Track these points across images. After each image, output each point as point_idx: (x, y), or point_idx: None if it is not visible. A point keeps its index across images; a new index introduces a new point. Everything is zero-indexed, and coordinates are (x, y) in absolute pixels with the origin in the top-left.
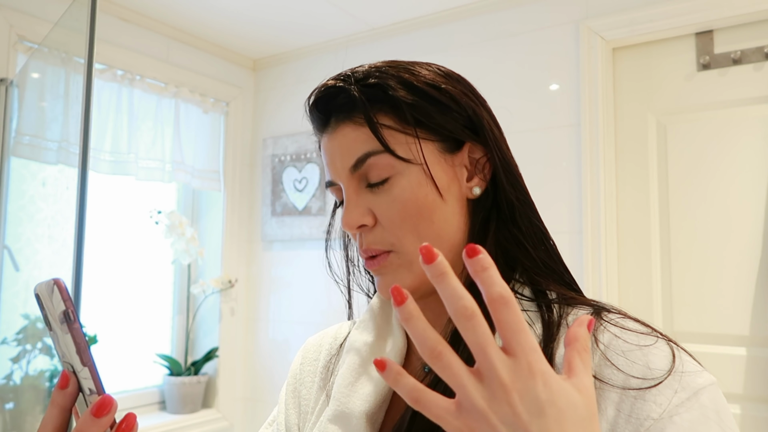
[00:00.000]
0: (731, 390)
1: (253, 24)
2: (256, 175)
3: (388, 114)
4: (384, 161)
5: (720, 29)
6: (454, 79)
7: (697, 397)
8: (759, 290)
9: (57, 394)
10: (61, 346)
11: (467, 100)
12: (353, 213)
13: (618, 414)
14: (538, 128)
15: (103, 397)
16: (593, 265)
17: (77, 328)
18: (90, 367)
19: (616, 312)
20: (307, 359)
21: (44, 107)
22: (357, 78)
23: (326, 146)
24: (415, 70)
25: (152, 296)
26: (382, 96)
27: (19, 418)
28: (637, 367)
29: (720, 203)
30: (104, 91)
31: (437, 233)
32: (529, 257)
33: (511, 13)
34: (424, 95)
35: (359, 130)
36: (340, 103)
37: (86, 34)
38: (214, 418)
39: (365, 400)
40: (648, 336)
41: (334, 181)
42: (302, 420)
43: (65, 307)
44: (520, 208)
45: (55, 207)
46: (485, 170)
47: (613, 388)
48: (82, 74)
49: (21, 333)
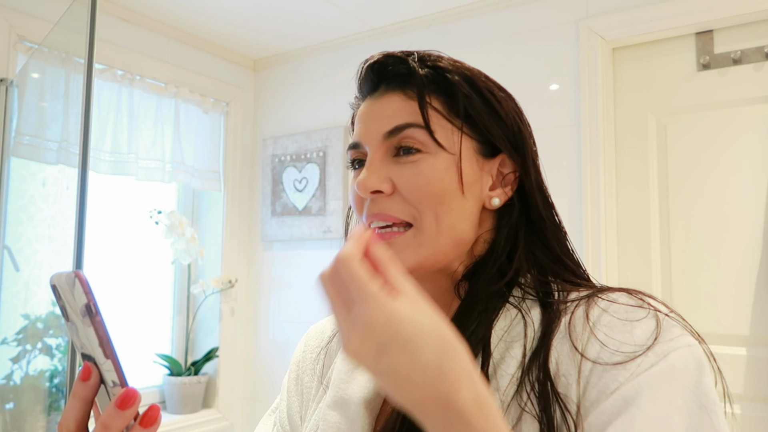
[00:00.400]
0: (731, 390)
1: (253, 24)
2: (256, 175)
3: (441, 99)
4: (420, 137)
5: (720, 29)
6: (507, 94)
7: (667, 358)
8: (759, 290)
9: (79, 386)
10: (81, 338)
11: (516, 117)
12: (372, 176)
13: (587, 384)
14: (538, 128)
15: (127, 389)
16: (593, 265)
17: (99, 320)
18: (113, 359)
19: (617, 289)
20: (309, 346)
21: (44, 107)
22: (421, 56)
23: (366, 109)
24: (471, 67)
25: (152, 296)
26: (441, 80)
27: (19, 418)
28: (613, 342)
29: (720, 203)
30: (104, 91)
31: (453, 223)
32: (558, 263)
33: (511, 13)
34: (480, 95)
35: (407, 102)
36: (398, 73)
37: (86, 34)
38: (214, 418)
39: (363, 387)
40: (638, 310)
41: (362, 143)
42: (304, 407)
43: (87, 300)
44: (551, 227)
45: (55, 207)
46: (511, 185)
47: (588, 361)
48: (82, 74)
49: (21, 333)
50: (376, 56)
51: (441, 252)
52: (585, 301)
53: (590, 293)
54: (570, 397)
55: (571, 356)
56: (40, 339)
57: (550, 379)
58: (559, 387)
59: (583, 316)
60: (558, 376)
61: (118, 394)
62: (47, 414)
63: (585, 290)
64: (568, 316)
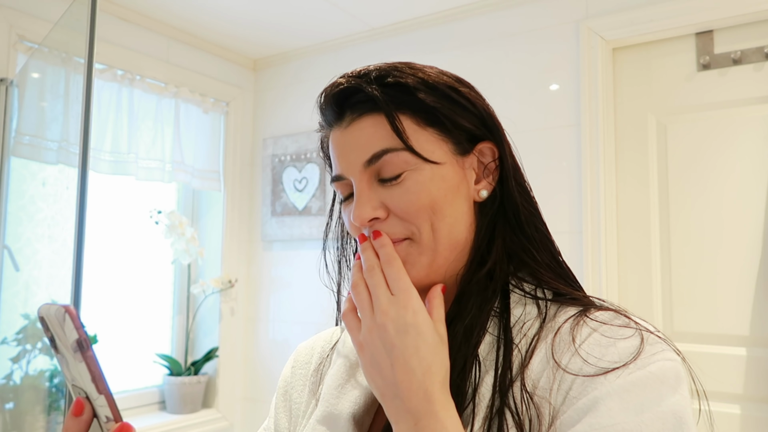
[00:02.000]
0: (731, 390)
1: (253, 24)
2: (256, 175)
3: (406, 113)
4: (400, 158)
5: (720, 29)
6: (465, 83)
7: (646, 368)
8: (759, 290)
9: (71, 422)
10: (72, 371)
11: (481, 103)
12: (366, 206)
13: (566, 395)
14: (538, 128)
15: (123, 425)
16: (593, 265)
17: (91, 356)
18: (106, 394)
19: (606, 309)
20: (298, 363)
21: (44, 107)
22: (375, 77)
23: (338, 140)
24: (428, 71)
25: (152, 296)
26: (401, 95)
27: (19, 418)
28: (596, 357)
29: (720, 203)
30: (104, 91)
31: (449, 229)
32: (535, 260)
33: (511, 13)
34: (443, 96)
35: (377, 126)
36: (358, 101)
37: (86, 34)
38: (214, 418)
39: (353, 403)
40: (625, 329)
41: (344, 175)
42: (293, 423)
43: (78, 336)
44: (526, 213)
45: (55, 207)
46: (493, 174)
47: (569, 375)
48: (82, 74)
49: (21, 333)
50: (329, 90)
51: (442, 257)
52: (573, 319)
53: (579, 311)
54: (544, 407)
55: (553, 371)
56: (40, 339)
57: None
58: (534, 400)
59: (569, 333)
60: (535, 391)
61: (113, 429)
62: (47, 414)
63: (570, 305)
64: (553, 333)
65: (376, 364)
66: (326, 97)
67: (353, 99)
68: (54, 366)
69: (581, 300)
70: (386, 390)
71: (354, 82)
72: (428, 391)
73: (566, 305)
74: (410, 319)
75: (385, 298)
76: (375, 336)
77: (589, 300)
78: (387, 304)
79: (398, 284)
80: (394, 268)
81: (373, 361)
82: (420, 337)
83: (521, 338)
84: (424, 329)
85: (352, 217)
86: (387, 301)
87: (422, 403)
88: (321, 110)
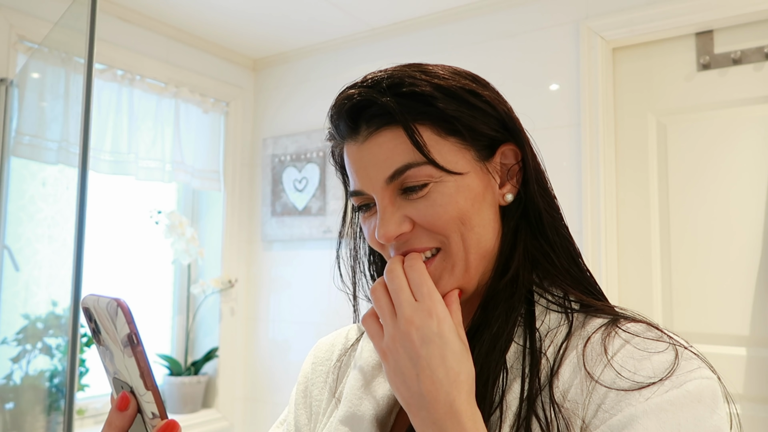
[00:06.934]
0: (731, 390)
1: (253, 24)
2: (256, 175)
3: (425, 124)
4: (423, 172)
5: (720, 29)
6: (481, 82)
7: (683, 386)
8: (759, 290)
9: (115, 416)
10: (116, 365)
11: (501, 104)
12: (390, 224)
13: (598, 408)
14: (538, 128)
15: (169, 422)
16: (593, 265)
17: (141, 351)
18: (154, 391)
19: (635, 320)
20: (318, 359)
21: (44, 107)
22: (387, 85)
23: (355, 156)
24: (441, 74)
25: (152, 296)
26: (419, 106)
27: (19, 418)
28: (630, 371)
29: (720, 203)
30: (104, 91)
31: (477, 239)
32: (554, 265)
33: (511, 13)
34: (462, 102)
35: (396, 140)
36: (374, 114)
37: (86, 34)
38: (214, 418)
39: (376, 404)
40: (658, 342)
41: (364, 191)
42: (313, 420)
43: (129, 330)
44: (548, 217)
45: (55, 207)
46: (516, 176)
47: (602, 387)
48: (82, 74)
49: (21, 333)
50: (340, 103)
51: (473, 267)
52: (604, 329)
53: (609, 321)
54: (573, 418)
55: (584, 382)
56: (40, 339)
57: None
58: (563, 411)
59: (601, 344)
60: (564, 401)
61: (158, 426)
62: (47, 414)
63: (599, 314)
64: (583, 343)
65: (400, 373)
66: (338, 109)
67: (368, 112)
68: (54, 366)
69: (606, 310)
70: (412, 401)
71: (367, 93)
72: (455, 403)
73: (593, 314)
74: (435, 328)
75: (408, 304)
76: (398, 345)
77: (615, 311)
78: (410, 311)
79: (421, 289)
80: (416, 271)
81: (398, 371)
82: (446, 346)
83: (548, 346)
84: (450, 337)
85: (377, 235)
86: (410, 308)
87: (449, 416)
88: (333, 122)
